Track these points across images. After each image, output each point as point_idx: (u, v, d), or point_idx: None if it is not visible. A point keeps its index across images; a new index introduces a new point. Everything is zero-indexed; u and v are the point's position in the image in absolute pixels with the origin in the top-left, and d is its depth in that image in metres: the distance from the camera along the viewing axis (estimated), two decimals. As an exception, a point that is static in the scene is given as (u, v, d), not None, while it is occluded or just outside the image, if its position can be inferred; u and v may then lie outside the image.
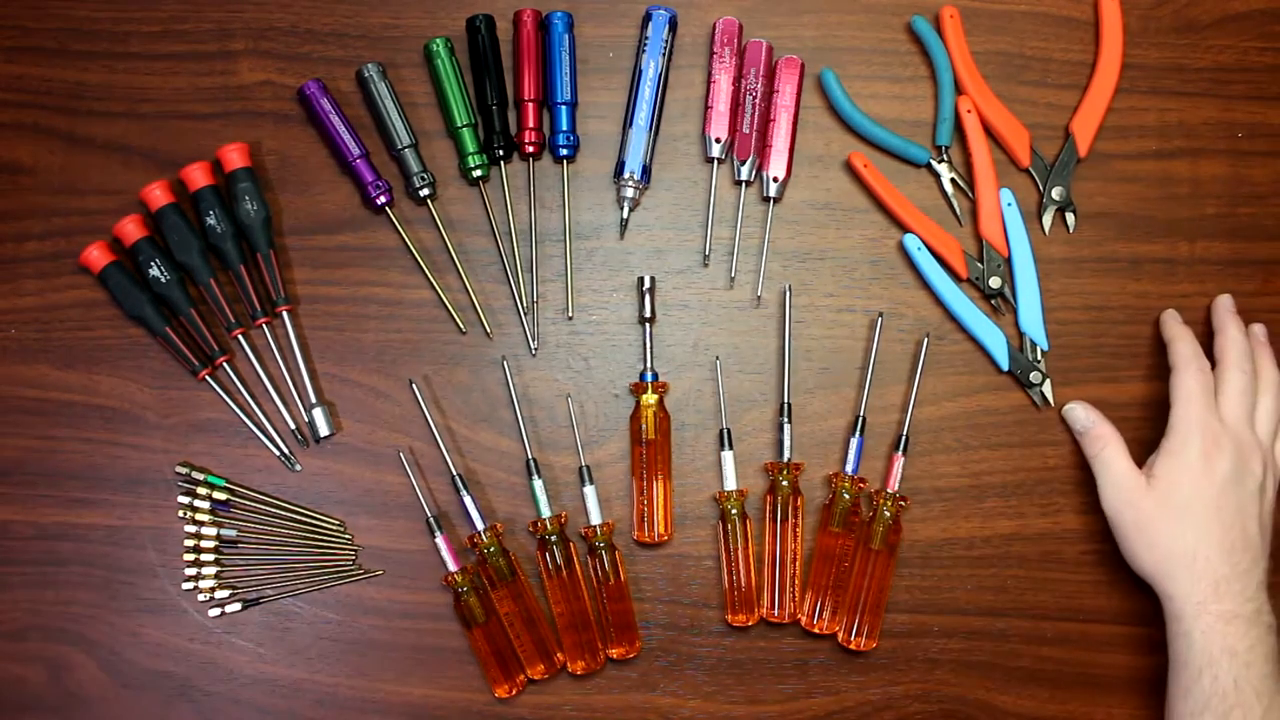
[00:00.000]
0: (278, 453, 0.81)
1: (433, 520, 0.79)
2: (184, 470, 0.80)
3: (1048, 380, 0.83)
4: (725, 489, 0.81)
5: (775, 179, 0.84)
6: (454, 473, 0.80)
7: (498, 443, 0.82)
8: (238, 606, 0.80)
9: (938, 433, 0.83)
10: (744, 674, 0.81)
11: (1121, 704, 0.81)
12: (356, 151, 0.82)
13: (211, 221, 0.80)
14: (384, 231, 0.83)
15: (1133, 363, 0.84)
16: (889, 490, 0.81)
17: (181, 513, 0.80)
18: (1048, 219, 0.85)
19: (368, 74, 0.82)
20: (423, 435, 0.81)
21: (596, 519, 0.80)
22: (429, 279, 0.83)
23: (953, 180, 0.85)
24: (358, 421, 0.82)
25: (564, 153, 0.83)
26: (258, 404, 0.82)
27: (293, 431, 0.82)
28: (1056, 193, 0.85)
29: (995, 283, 0.84)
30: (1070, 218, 0.85)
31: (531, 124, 0.83)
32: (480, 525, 0.79)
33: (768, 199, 0.84)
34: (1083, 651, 0.82)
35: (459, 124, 0.83)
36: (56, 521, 0.80)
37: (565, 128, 0.83)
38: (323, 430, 0.80)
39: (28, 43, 0.85)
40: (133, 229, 0.80)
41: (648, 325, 0.82)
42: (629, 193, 0.83)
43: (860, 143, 0.86)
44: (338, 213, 0.84)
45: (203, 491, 0.80)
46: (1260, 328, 0.83)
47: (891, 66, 0.87)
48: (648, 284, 0.82)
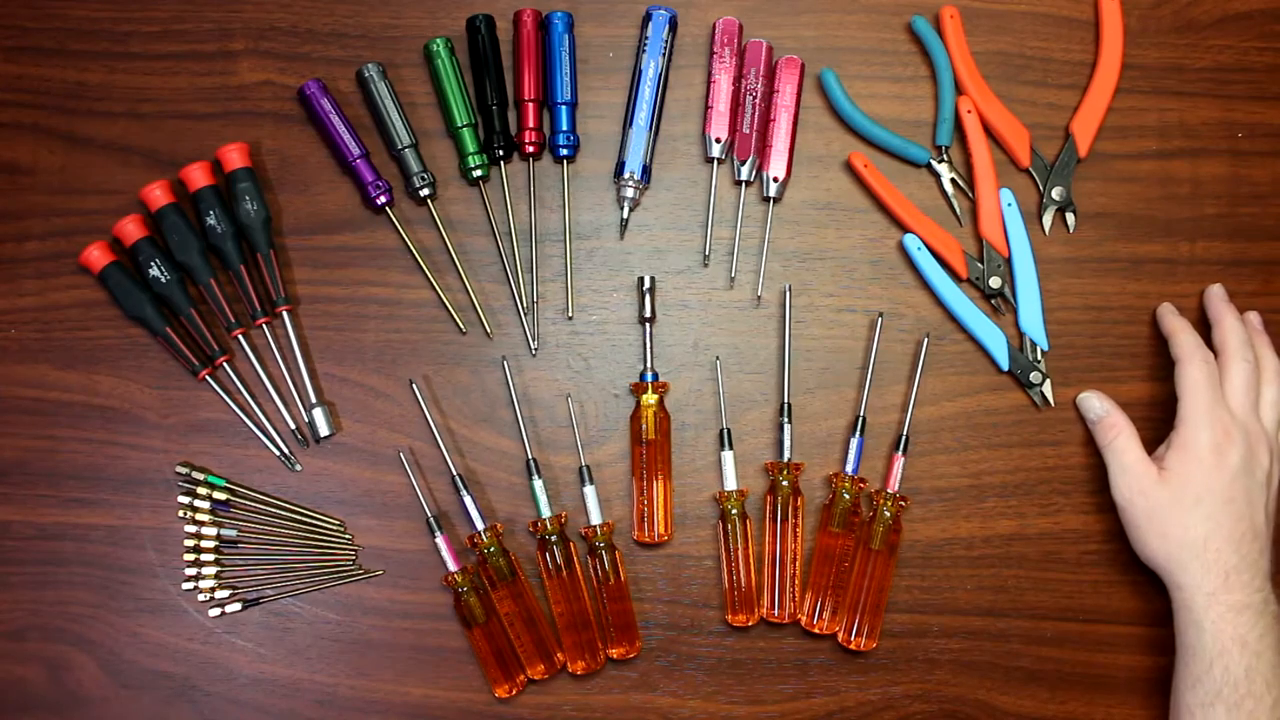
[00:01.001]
0: (278, 453, 0.81)
1: (433, 520, 0.79)
2: (184, 470, 0.80)
3: (1048, 380, 0.83)
4: (725, 489, 0.81)
5: (775, 179, 0.84)
6: (454, 473, 0.80)
7: (498, 443, 0.82)
8: (238, 606, 0.80)
9: (938, 433, 0.83)
10: (744, 674, 0.81)
11: (1121, 704, 0.81)
12: (356, 151, 0.82)
13: (211, 221, 0.80)
14: (384, 231, 0.83)
15: (1133, 363, 0.84)
16: (889, 490, 0.81)
17: (181, 513, 0.80)
18: (1048, 219, 0.85)
19: (368, 74, 0.82)
20: (423, 435, 0.81)
21: (596, 519, 0.80)
22: (429, 279, 0.83)
23: (953, 180, 0.85)
24: (358, 421, 0.82)
25: (564, 153, 0.83)
26: (258, 404, 0.82)
27: (293, 431, 0.82)
28: (1056, 193, 0.85)
29: (995, 283, 0.84)
30: (1070, 218, 0.85)
31: (531, 124, 0.83)
32: (480, 525, 0.79)
33: (768, 199, 0.84)
34: (1083, 651, 0.82)
35: (459, 124, 0.83)
36: (56, 521, 0.80)
37: (565, 128, 0.83)
38: (323, 430, 0.80)
39: (27, 43, 0.85)
40: (133, 229, 0.80)
41: (648, 325, 0.82)
42: (629, 193, 0.83)
43: (860, 143, 0.86)
44: (338, 213, 0.84)
45: (203, 491, 0.80)
46: (1255, 315, 0.83)
47: (891, 66, 0.87)
48: (648, 284, 0.82)
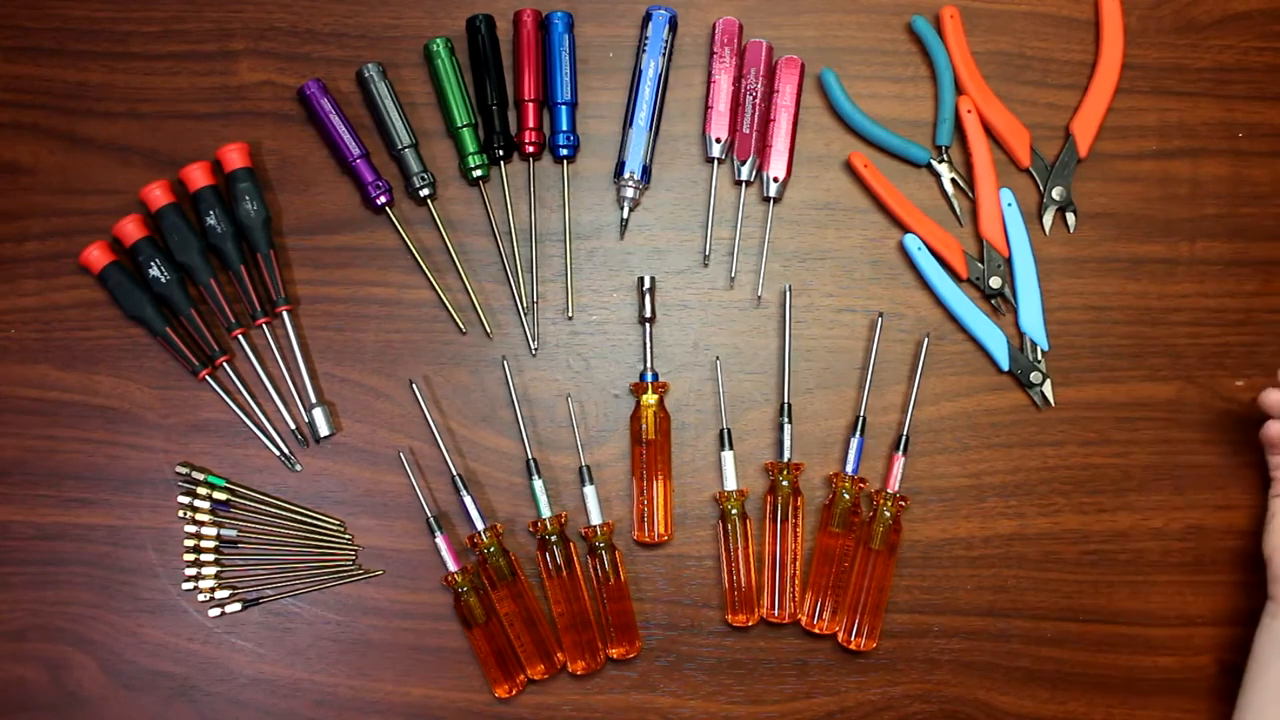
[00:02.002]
0: (278, 453, 0.81)
1: (433, 520, 0.79)
2: (184, 470, 0.80)
3: (1048, 380, 0.83)
4: (725, 489, 0.81)
5: (775, 179, 0.84)
6: (454, 473, 0.80)
7: (498, 443, 0.82)
8: (238, 606, 0.80)
9: (938, 433, 0.83)
10: (744, 674, 0.81)
11: (1122, 704, 0.81)
12: (356, 151, 0.82)
13: (211, 221, 0.80)
14: (384, 231, 0.83)
15: (1133, 363, 0.84)
16: (889, 490, 0.81)
17: (181, 513, 0.80)
18: (1048, 219, 0.85)
19: (368, 74, 0.82)
20: (423, 435, 0.81)
21: (596, 519, 0.80)
22: (429, 279, 0.83)
23: (953, 180, 0.85)
24: (358, 421, 0.82)
25: (564, 153, 0.83)
26: (258, 404, 0.82)
27: (293, 431, 0.82)
28: (1057, 193, 0.85)
29: (995, 283, 0.84)
30: (1070, 218, 0.85)
31: (531, 124, 0.83)
32: (480, 525, 0.79)
33: (768, 199, 0.84)
34: (1083, 651, 0.82)
35: (459, 124, 0.83)
36: (56, 521, 0.80)
37: (565, 128, 0.83)
38: (323, 430, 0.81)
39: (27, 43, 0.85)
40: (133, 229, 0.80)
41: (648, 325, 0.82)
42: (629, 193, 0.83)
43: (860, 143, 0.86)
44: (338, 213, 0.84)
45: (203, 491, 0.80)
46: None
47: (891, 66, 0.87)
48: (648, 284, 0.82)
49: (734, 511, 0.80)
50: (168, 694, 0.79)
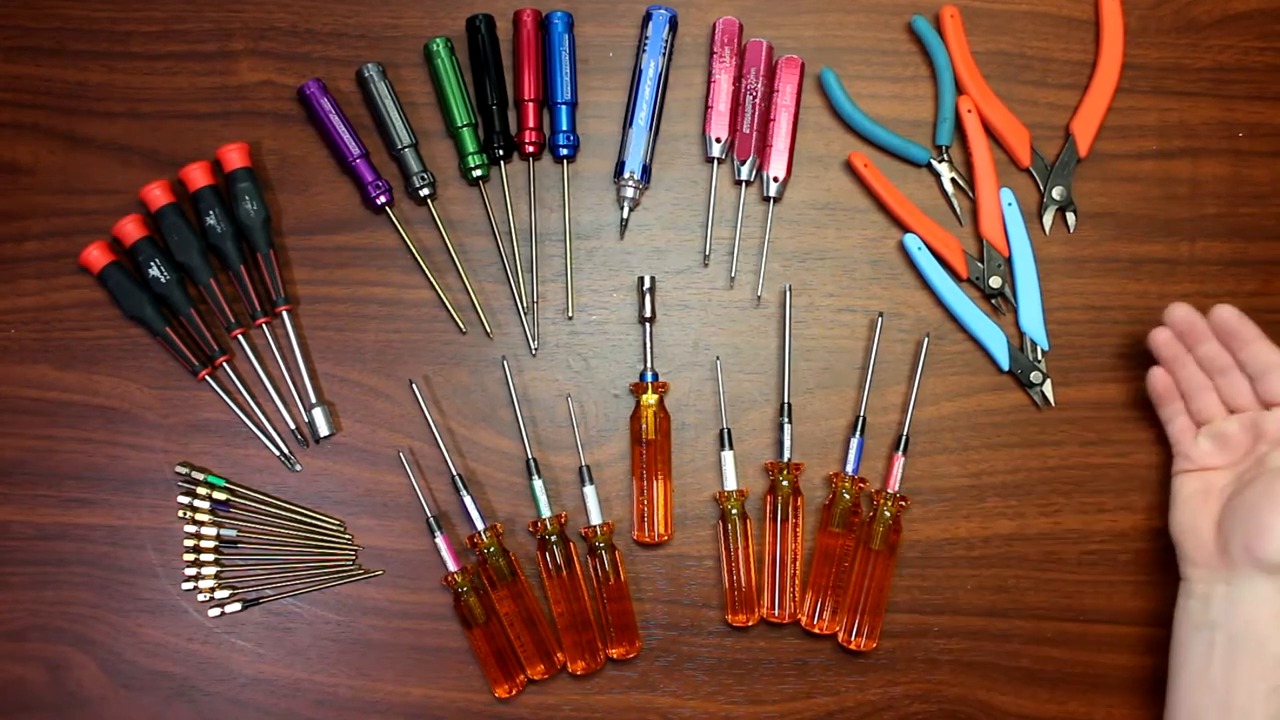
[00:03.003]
0: (278, 453, 0.81)
1: (433, 520, 0.79)
2: (184, 470, 0.80)
3: (1048, 380, 0.83)
4: (725, 489, 0.81)
5: (775, 179, 0.84)
6: (454, 473, 0.80)
7: (498, 443, 0.82)
8: (238, 606, 0.80)
9: (938, 433, 0.83)
10: (744, 674, 0.81)
11: (1122, 704, 0.81)
12: (356, 151, 0.82)
13: (211, 221, 0.80)
14: (384, 231, 0.83)
15: (1133, 363, 0.84)
16: (889, 490, 0.81)
17: (181, 513, 0.80)
18: (1048, 219, 0.85)
19: (368, 74, 0.82)
20: (423, 435, 0.81)
21: (596, 519, 0.80)
22: (429, 279, 0.83)
23: (953, 180, 0.85)
24: (358, 421, 0.82)
25: (564, 153, 0.83)
26: (258, 404, 0.82)
27: (293, 431, 0.82)
28: (1057, 192, 0.85)
29: (995, 282, 0.84)
30: (1070, 218, 0.85)
31: (531, 124, 0.83)
32: (480, 525, 0.79)
33: (768, 199, 0.84)
34: (1083, 651, 0.82)
35: (459, 124, 0.83)
36: (56, 521, 0.80)
37: (565, 128, 0.83)
38: (323, 430, 0.81)
39: (27, 43, 0.85)
40: (133, 229, 0.80)
41: (648, 325, 0.82)
42: (629, 193, 0.83)
43: (860, 143, 0.86)
44: (338, 213, 0.84)
45: (203, 491, 0.80)
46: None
47: (891, 66, 0.87)
48: (648, 284, 0.82)
49: (734, 511, 0.80)
50: (168, 694, 0.79)
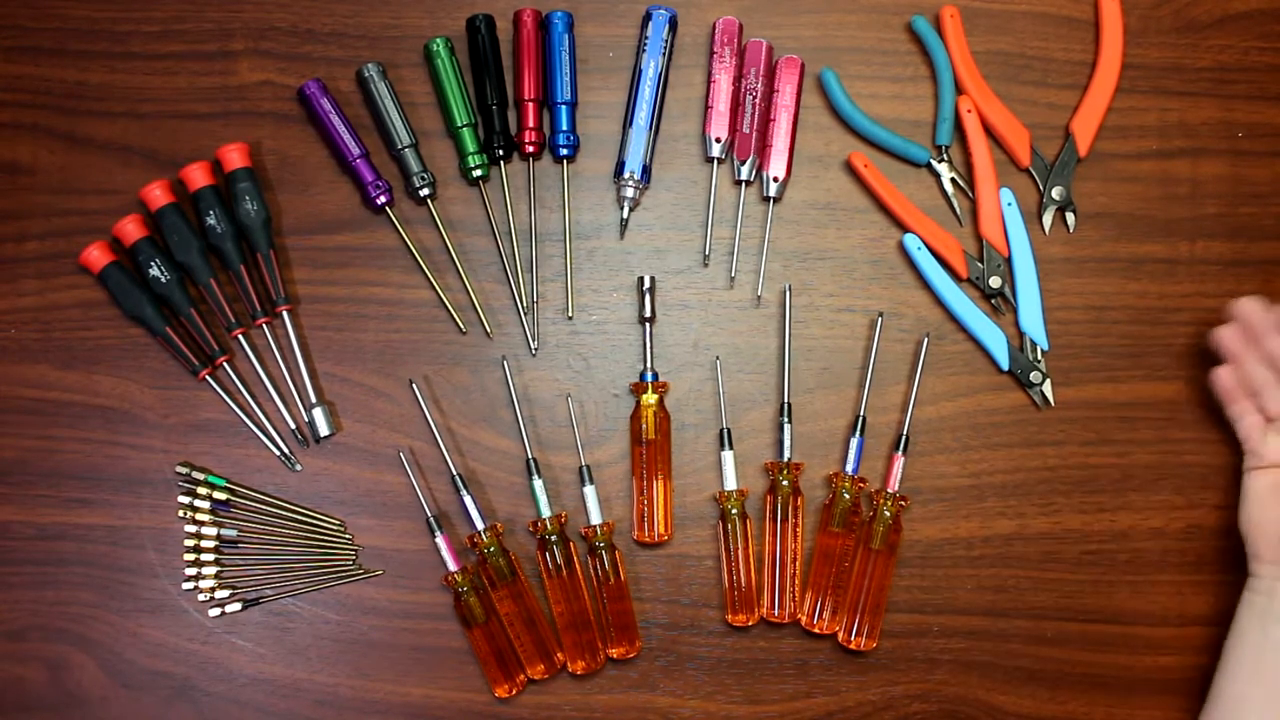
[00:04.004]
0: (278, 453, 0.81)
1: (433, 520, 0.79)
2: (184, 470, 0.80)
3: (1048, 380, 0.83)
4: (725, 489, 0.81)
5: (775, 179, 0.84)
6: (454, 473, 0.80)
7: (498, 443, 0.82)
8: (238, 606, 0.80)
9: (938, 433, 0.83)
10: (744, 674, 0.81)
11: (1122, 704, 0.81)
12: (356, 151, 0.82)
13: (211, 221, 0.80)
14: (384, 231, 0.83)
15: (1133, 363, 0.84)
16: (889, 490, 0.81)
17: (181, 513, 0.80)
18: (1048, 219, 0.85)
19: (368, 74, 0.82)
20: (423, 435, 0.81)
21: (596, 519, 0.80)
22: (429, 279, 0.83)
23: (953, 180, 0.85)
24: (358, 421, 0.82)
25: (564, 153, 0.83)
26: (258, 404, 0.82)
27: (293, 431, 0.82)
28: (1057, 192, 0.85)
29: (995, 282, 0.84)
30: (1070, 218, 0.85)
31: (531, 124, 0.83)
32: (480, 525, 0.79)
33: (768, 199, 0.84)
34: (1083, 651, 0.82)
35: (459, 124, 0.83)
36: (56, 521, 0.80)
37: (565, 128, 0.83)
38: (323, 430, 0.81)
39: (27, 43, 0.85)
40: (133, 229, 0.80)
41: (648, 325, 0.82)
42: (629, 193, 0.83)
43: (860, 143, 0.86)
44: (338, 213, 0.84)
45: (203, 491, 0.80)
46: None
47: (891, 66, 0.87)
48: (648, 284, 0.82)
49: (734, 511, 0.80)
50: (168, 694, 0.79)
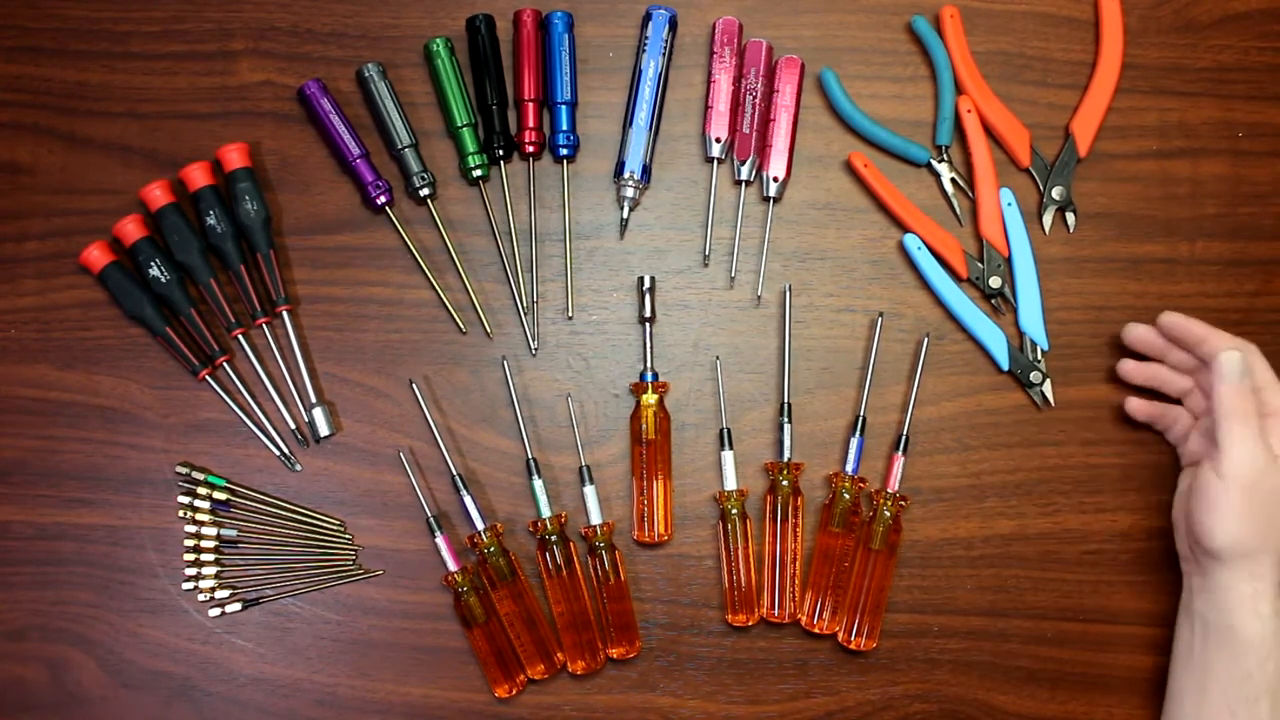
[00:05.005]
0: (278, 453, 0.81)
1: (433, 520, 0.79)
2: (184, 470, 0.80)
3: (1048, 380, 0.83)
4: (725, 489, 0.81)
5: (775, 179, 0.84)
6: (454, 473, 0.80)
7: (498, 443, 0.82)
8: (238, 606, 0.80)
9: (938, 433, 0.83)
10: (744, 674, 0.81)
11: (1122, 704, 0.81)
12: (356, 151, 0.82)
13: (211, 221, 0.80)
14: (384, 231, 0.83)
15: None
16: (889, 490, 0.81)
17: (181, 513, 0.80)
18: (1048, 219, 0.85)
19: (368, 74, 0.82)
20: (423, 435, 0.81)
21: (596, 519, 0.80)
22: (429, 279, 0.83)
23: (953, 180, 0.85)
24: (358, 421, 0.82)
25: (564, 153, 0.83)
26: (258, 404, 0.82)
27: (293, 431, 0.82)
28: (1057, 192, 0.85)
29: (995, 282, 0.84)
30: (1070, 218, 0.85)
31: (531, 124, 0.83)
32: (480, 525, 0.79)
33: (768, 199, 0.84)
34: (1083, 651, 0.82)
35: (459, 124, 0.83)
36: (56, 521, 0.80)
37: (565, 128, 0.83)
38: (323, 430, 0.81)
39: (27, 43, 0.85)
40: (133, 229, 0.80)
41: (648, 325, 0.82)
42: (629, 193, 0.83)
43: (860, 143, 0.86)
44: (338, 213, 0.84)
45: (203, 491, 0.80)
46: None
47: (891, 66, 0.87)
48: (648, 284, 0.82)
49: (734, 511, 0.80)
50: (168, 694, 0.79)
